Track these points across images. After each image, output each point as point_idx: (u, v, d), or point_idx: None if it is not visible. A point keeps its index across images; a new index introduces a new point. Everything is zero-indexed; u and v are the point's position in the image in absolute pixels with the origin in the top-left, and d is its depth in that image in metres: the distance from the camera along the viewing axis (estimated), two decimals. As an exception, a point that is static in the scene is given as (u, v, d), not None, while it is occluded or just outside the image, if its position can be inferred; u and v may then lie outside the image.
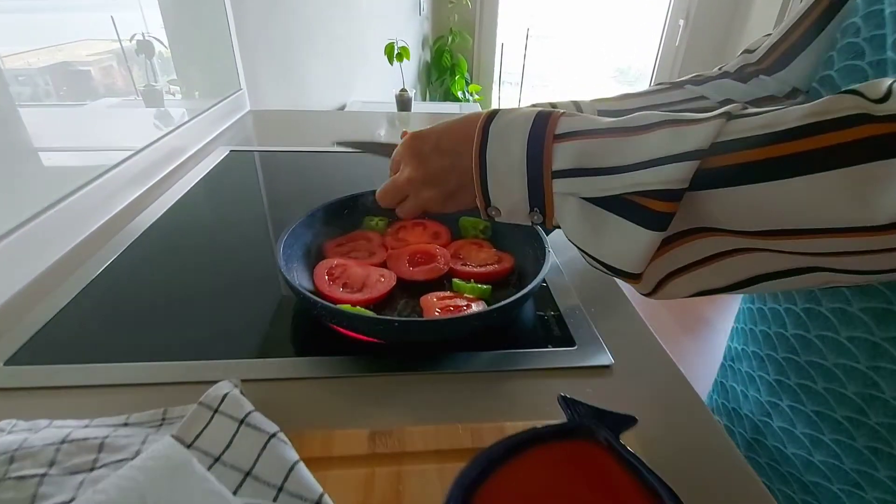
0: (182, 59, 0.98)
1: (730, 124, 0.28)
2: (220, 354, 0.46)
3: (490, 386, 0.44)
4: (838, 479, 0.44)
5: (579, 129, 0.34)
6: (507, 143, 0.35)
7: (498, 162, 0.36)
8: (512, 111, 0.37)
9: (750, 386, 0.53)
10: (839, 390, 0.42)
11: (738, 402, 0.55)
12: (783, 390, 0.48)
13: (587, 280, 0.62)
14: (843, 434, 0.43)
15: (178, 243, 0.67)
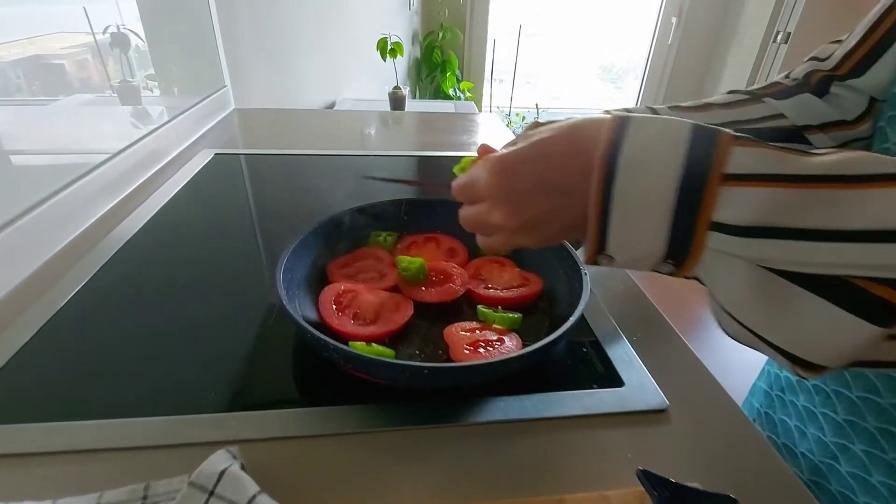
0: (160, 52, 0.89)
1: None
2: (209, 405, 0.39)
3: (535, 440, 0.38)
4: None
5: (763, 170, 0.24)
6: (647, 176, 0.26)
7: (630, 203, 0.27)
8: (646, 126, 0.27)
9: (810, 423, 0.47)
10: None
11: (791, 438, 0.50)
12: (856, 432, 0.42)
13: (619, 298, 0.56)
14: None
15: (159, 263, 0.59)
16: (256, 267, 0.60)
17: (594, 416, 0.40)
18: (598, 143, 0.28)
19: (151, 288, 0.54)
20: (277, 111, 1.32)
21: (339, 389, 0.41)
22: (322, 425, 0.37)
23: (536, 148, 0.30)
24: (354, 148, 1.03)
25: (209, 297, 0.53)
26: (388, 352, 0.41)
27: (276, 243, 0.64)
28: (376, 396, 0.40)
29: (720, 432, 0.40)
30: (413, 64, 2.67)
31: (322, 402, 0.39)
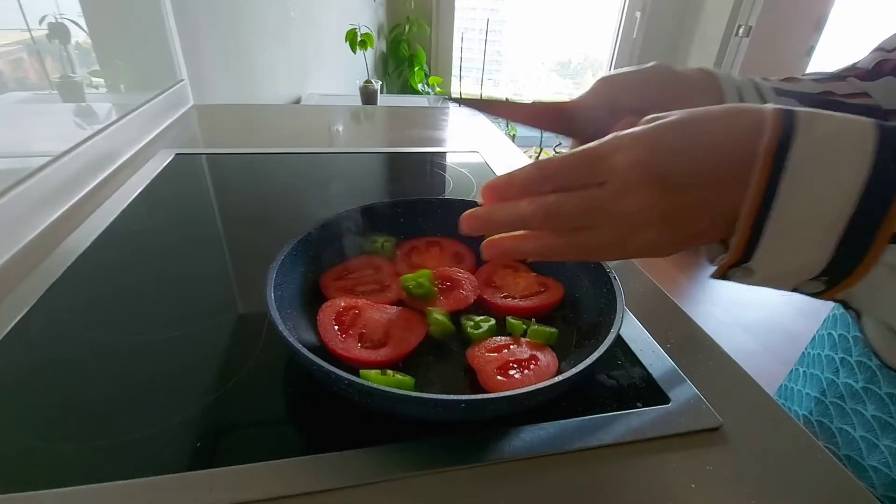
0: (106, 45, 0.79)
1: None
2: (187, 460, 0.32)
3: (584, 473, 0.33)
4: None
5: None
6: (823, 178, 0.22)
7: (796, 208, 0.22)
8: (823, 120, 0.22)
9: (884, 435, 0.42)
10: None
11: (857, 449, 0.45)
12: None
13: (643, 300, 0.52)
14: None
15: (117, 281, 0.51)
16: (230, 282, 0.52)
17: (646, 440, 0.35)
18: (763, 138, 0.22)
19: (109, 311, 0.46)
20: (241, 107, 1.22)
21: (348, 428, 0.34)
22: (334, 476, 0.31)
23: (692, 126, 0.24)
24: (326, 145, 0.95)
25: (178, 321, 0.45)
26: (409, 380, 0.35)
27: (250, 253, 0.57)
28: (393, 433, 0.34)
29: (780, 448, 0.36)
30: (379, 58, 2.58)
31: (330, 446, 0.33)
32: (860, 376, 0.45)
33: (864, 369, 0.44)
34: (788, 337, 1.98)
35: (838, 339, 0.49)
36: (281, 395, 0.38)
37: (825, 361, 0.51)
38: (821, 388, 0.50)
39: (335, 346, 0.38)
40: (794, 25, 2.21)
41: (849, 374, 0.46)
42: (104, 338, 0.43)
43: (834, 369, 0.49)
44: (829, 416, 0.48)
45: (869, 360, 0.44)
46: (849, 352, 0.47)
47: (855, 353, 0.46)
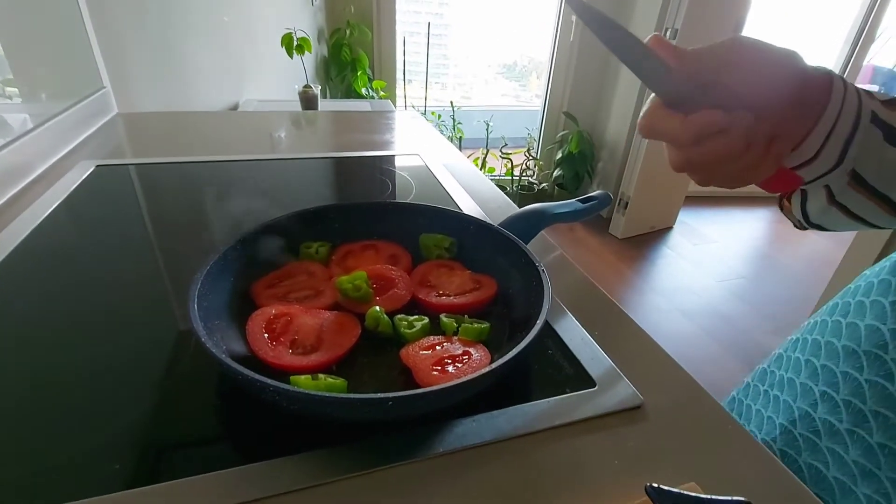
0: (18, 52, 0.74)
1: None
2: (116, 482, 0.30)
3: (517, 460, 0.34)
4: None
5: None
6: None
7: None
8: None
9: (863, 482, 0.41)
10: None
11: (829, 490, 0.43)
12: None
13: (572, 291, 0.54)
14: None
15: (32, 300, 0.48)
16: (160, 296, 0.50)
17: (575, 423, 0.37)
18: None
19: (24, 334, 0.43)
20: (171, 114, 1.17)
21: (282, 436, 0.34)
22: (271, 483, 0.30)
23: None
24: (264, 152, 0.93)
25: (102, 337, 0.43)
26: (340, 383, 0.35)
27: (182, 265, 0.55)
28: (330, 437, 0.34)
29: (697, 424, 0.38)
30: (321, 63, 2.54)
31: (266, 454, 0.32)
32: (846, 417, 0.43)
33: (854, 411, 0.42)
34: (723, 319, 2.11)
35: (820, 369, 0.46)
36: (211, 408, 0.37)
37: (800, 390, 0.48)
38: (790, 417, 0.48)
39: (265, 354, 0.37)
40: (716, 28, 2.35)
41: (831, 411, 0.44)
42: (17, 360, 0.40)
43: (811, 401, 0.46)
44: (796, 449, 0.46)
45: (862, 402, 0.42)
46: (835, 387, 0.44)
47: (843, 391, 0.43)
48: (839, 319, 0.47)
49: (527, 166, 3.14)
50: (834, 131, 0.33)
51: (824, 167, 0.34)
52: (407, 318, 0.43)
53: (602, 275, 2.43)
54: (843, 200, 0.37)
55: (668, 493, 0.25)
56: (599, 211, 0.58)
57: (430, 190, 0.78)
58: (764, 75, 0.31)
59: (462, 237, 0.54)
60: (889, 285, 0.44)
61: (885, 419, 0.40)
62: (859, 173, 0.35)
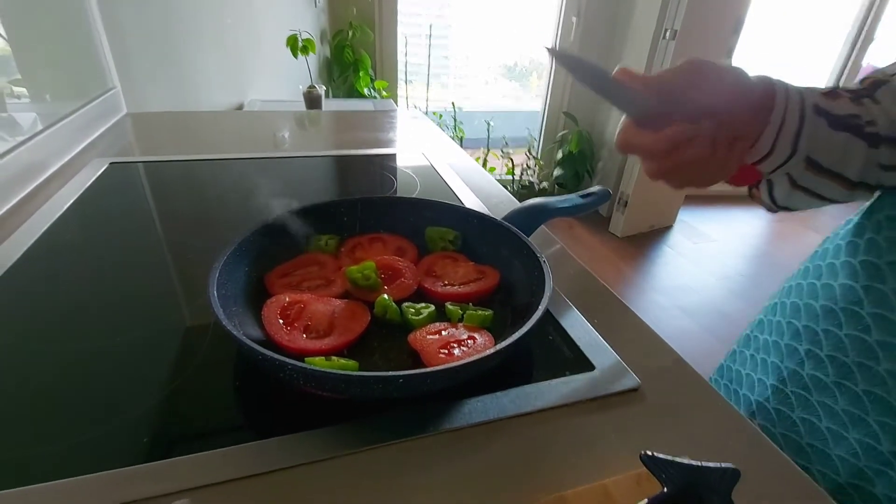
0: (27, 53, 0.76)
1: None
2: (145, 454, 0.32)
3: (519, 436, 0.36)
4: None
5: None
6: None
7: None
8: None
9: (854, 428, 0.44)
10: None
11: (823, 440, 0.46)
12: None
13: (572, 282, 0.56)
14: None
15: (52, 293, 0.50)
16: (174, 287, 0.52)
17: (574, 403, 0.39)
18: None
19: (46, 323, 0.45)
20: (179, 114, 1.19)
21: (295, 413, 0.36)
22: (286, 456, 0.32)
23: None
24: (269, 150, 0.95)
25: (121, 328, 0.45)
26: (352, 364, 0.37)
27: (193, 258, 0.57)
28: (340, 415, 0.36)
29: (691, 404, 0.40)
30: (324, 63, 2.57)
31: (280, 430, 0.34)
32: (832, 371, 0.46)
33: (838, 365, 0.46)
34: (722, 317, 2.13)
35: (802, 330, 0.50)
36: (228, 390, 0.39)
37: (785, 351, 0.51)
38: (780, 376, 0.51)
39: (280, 337, 0.39)
40: (714, 29, 2.38)
41: (816, 366, 0.47)
42: (44, 348, 0.42)
43: (798, 360, 0.49)
44: (789, 406, 0.49)
45: (845, 356, 0.45)
46: (818, 345, 0.48)
47: (826, 348, 0.47)
48: (814, 282, 0.51)
49: (527, 166, 3.16)
50: (783, 127, 0.38)
51: (781, 158, 0.39)
52: (414, 306, 0.45)
53: (602, 272, 2.44)
54: (804, 183, 0.42)
55: (661, 460, 0.26)
56: (599, 206, 0.60)
57: (434, 186, 0.80)
58: (721, 89, 0.37)
59: (466, 230, 0.56)
60: (856, 246, 0.47)
61: (867, 369, 0.43)
62: (813, 159, 0.40)
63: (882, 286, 0.43)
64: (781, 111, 0.38)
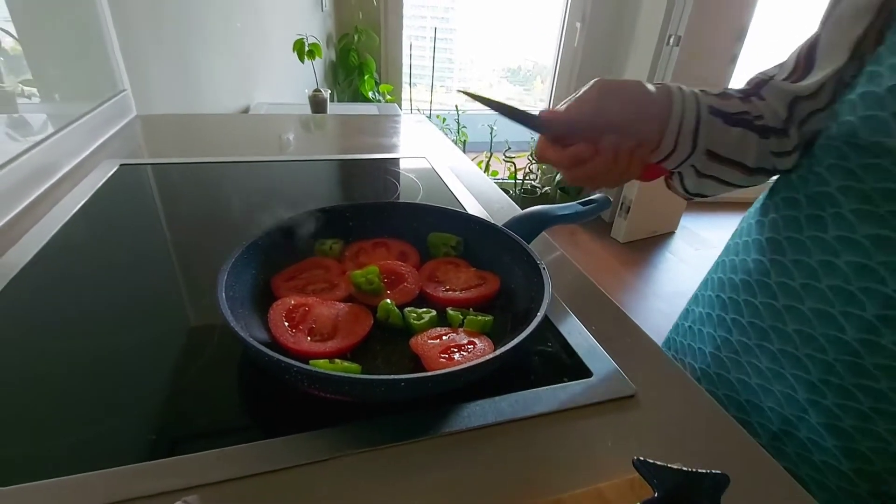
0: (39, 54, 0.78)
1: None
2: (151, 451, 0.33)
3: (516, 441, 0.37)
4: (884, 460, 0.44)
5: None
6: None
7: None
8: None
9: (776, 382, 0.50)
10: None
11: (755, 395, 0.52)
12: (829, 388, 0.45)
13: (571, 289, 0.57)
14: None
15: (63, 294, 0.51)
16: (181, 289, 0.53)
17: (571, 409, 0.40)
18: None
19: (58, 324, 0.47)
20: (187, 116, 1.21)
21: (299, 414, 0.37)
22: (290, 456, 0.33)
23: None
24: (274, 153, 0.97)
25: (129, 329, 0.46)
26: (355, 367, 0.38)
27: (200, 261, 0.58)
28: (342, 416, 0.37)
29: (686, 412, 0.41)
30: (329, 67, 2.59)
31: (284, 430, 0.35)
32: (752, 335, 0.52)
33: (757, 329, 0.52)
34: (724, 324, 2.13)
35: (728, 301, 0.56)
36: (233, 390, 0.40)
37: (716, 321, 0.57)
38: (716, 344, 0.57)
39: (285, 340, 0.40)
40: (718, 35, 2.39)
41: (742, 333, 0.53)
42: (49, 352, 0.43)
43: (727, 328, 0.55)
44: (726, 369, 0.55)
45: (762, 321, 0.51)
46: (741, 313, 0.54)
47: (747, 316, 0.53)
48: (733, 258, 0.57)
49: (530, 170, 3.17)
50: (682, 127, 0.44)
51: (684, 154, 0.45)
52: (416, 311, 0.46)
53: (603, 279, 2.45)
54: (709, 172, 0.48)
55: (652, 466, 0.27)
56: (599, 213, 0.62)
57: (437, 191, 0.81)
58: (624, 107, 0.43)
59: (468, 236, 0.57)
60: (762, 224, 0.53)
61: (779, 330, 0.49)
62: (714, 151, 0.45)
63: (783, 258, 0.49)
64: (679, 114, 0.43)
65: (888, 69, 0.40)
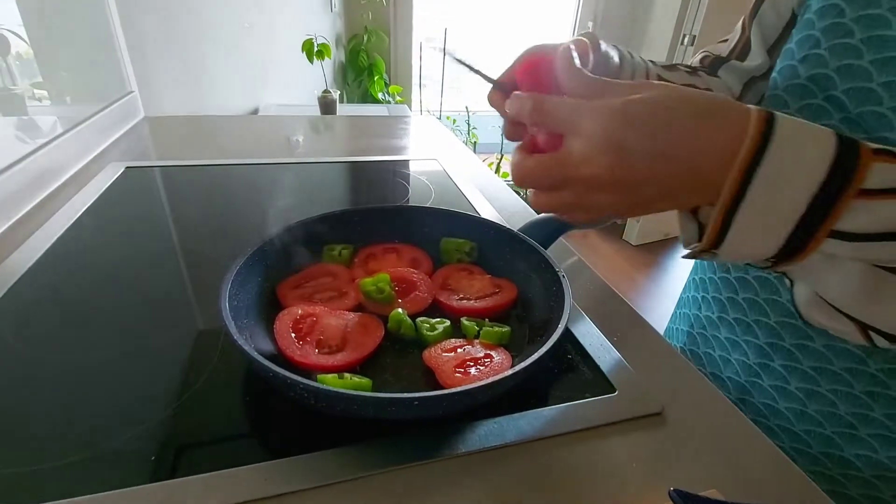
0: (49, 57, 0.77)
1: None
2: (149, 473, 0.31)
3: (537, 461, 0.34)
4: (832, 423, 0.46)
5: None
6: (785, 185, 0.26)
7: (759, 207, 0.26)
8: (796, 131, 0.26)
9: (733, 351, 0.53)
10: (840, 345, 0.43)
11: (717, 367, 0.56)
12: (775, 351, 0.48)
13: (591, 297, 0.54)
14: (841, 384, 0.44)
15: (65, 301, 0.50)
16: (187, 296, 0.52)
17: (595, 427, 0.37)
18: (738, 136, 0.26)
19: (58, 330, 0.45)
20: (195, 118, 1.20)
21: (307, 434, 0.35)
22: (299, 478, 0.31)
23: (668, 109, 0.27)
24: (284, 155, 0.95)
25: (132, 337, 0.45)
26: (366, 382, 0.36)
27: (207, 266, 0.56)
28: (354, 435, 0.35)
29: (716, 430, 0.39)
30: (339, 68, 2.58)
31: (292, 450, 0.33)
32: (715, 308, 0.55)
33: (717, 303, 0.54)
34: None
35: (699, 281, 0.59)
36: (239, 406, 0.38)
37: (691, 302, 0.60)
38: (689, 322, 0.60)
39: (292, 353, 0.38)
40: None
41: (707, 308, 0.56)
42: (52, 357, 0.41)
43: (698, 306, 0.58)
44: (696, 344, 0.59)
45: (720, 294, 0.53)
46: (706, 290, 0.56)
47: (711, 291, 0.55)
48: None
49: (541, 172, 3.13)
50: None
51: None
52: (429, 321, 0.44)
53: (616, 281, 2.41)
54: None
55: (690, 498, 0.25)
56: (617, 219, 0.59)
57: (449, 194, 0.79)
58: None
59: (482, 242, 0.55)
60: None
61: (733, 301, 0.52)
62: None
63: None
64: (629, 78, 0.43)
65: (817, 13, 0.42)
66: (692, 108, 0.27)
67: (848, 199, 0.25)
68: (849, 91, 0.40)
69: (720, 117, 0.27)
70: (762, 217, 0.27)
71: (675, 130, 0.27)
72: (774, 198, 0.26)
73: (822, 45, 0.42)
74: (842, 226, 0.26)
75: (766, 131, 0.26)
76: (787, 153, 0.26)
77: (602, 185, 0.29)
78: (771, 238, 0.27)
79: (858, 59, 0.40)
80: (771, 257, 0.28)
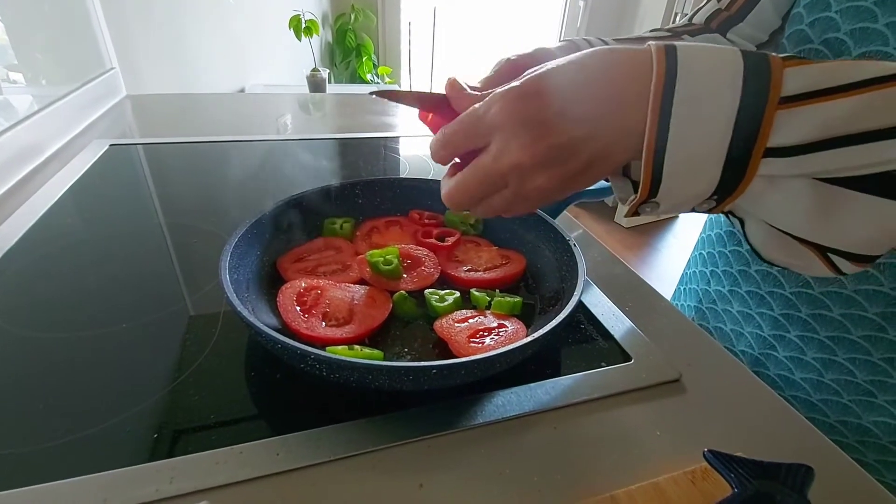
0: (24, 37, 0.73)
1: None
2: (154, 451, 0.30)
3: (557, 431, 0.33)
4: (850, 391, 0.45)
5: (819, 85, 0.23)
6: (704, 112, 0.24)
7: (687, 141, 0.24)
8: (699, 57, 0.24)
9: (746, 324, 0.53)
10: (858, 313, 0.43)
11: (729, 341, 0.56)
12: (791, 322, 0.48)
13: (600, 267, 0.53)
14: (859, 352, 0.44)
15: (50, 279, 0.47)
16: (179, 273, 0.49)
17: (611, 396, 0.36)
18: (642, 74, 0.24)
19: (45, 309, 0.43)
20: (179, 96, 1.15)
21: (314, 408, 0.33)
22: (310, 453, 0.30)
23: (554, 72, 0.26)
24: (273, 133, 0.92)
25: (123, 315, 0.42)
26: (377, 353, 0.34)
27: (199, 242, 0.54)
28: (365, 409, 0.33)
29: (735, 395, 0.38)
30: (326, 49, 2.51)
31: (301, 425, 0.32)
32: (726, 282, 0.55)
33: (728, 276, 0.54)
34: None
35: (707, 256, 0.59)
36: (241, 382, 0.36)
37: (699, 277, 0.60)
38: (698, 298, 0.60)
39: (298, 325, 0.37)
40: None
41: (717, 282, 0.56)
42: (42, 336, 0.39)
43: (706, 281, 0.58)
44: (706, 319, 0.58)
45: (731, 268, 0.53)
46: (716, 264, 0.56)
47: (721, 265, 0.55)
48: (710, 222, 0.61)
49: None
50: None
51: None
52: (438, 293, 0.42)
53: (608, 263, 2.41)
54: None
55: (727, 458, 0.24)
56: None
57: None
58: None
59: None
60: None
61: (745, 273, 0.52)
62: None
63: None
64: None
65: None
66: (592, 63, 0.26)
67: (772, 110, 0.23)
68: (864, 56, 0.39)
69: (623, 62, 0.26)
70: (691, 149, 0.25)
71: (580, 88, 0.26)
72: (697, 127, 0.24)
73: (832, 8, 0.41)
74: (774, 141, 0.24)
75: (671, 64, 0.24)
76: (695, 78, 0.24)
77: (531, 168, 0.27)
78: (706, 171, 0.25)
79: (873, 23, 0.38)
80: (713, 195, 0.26)
